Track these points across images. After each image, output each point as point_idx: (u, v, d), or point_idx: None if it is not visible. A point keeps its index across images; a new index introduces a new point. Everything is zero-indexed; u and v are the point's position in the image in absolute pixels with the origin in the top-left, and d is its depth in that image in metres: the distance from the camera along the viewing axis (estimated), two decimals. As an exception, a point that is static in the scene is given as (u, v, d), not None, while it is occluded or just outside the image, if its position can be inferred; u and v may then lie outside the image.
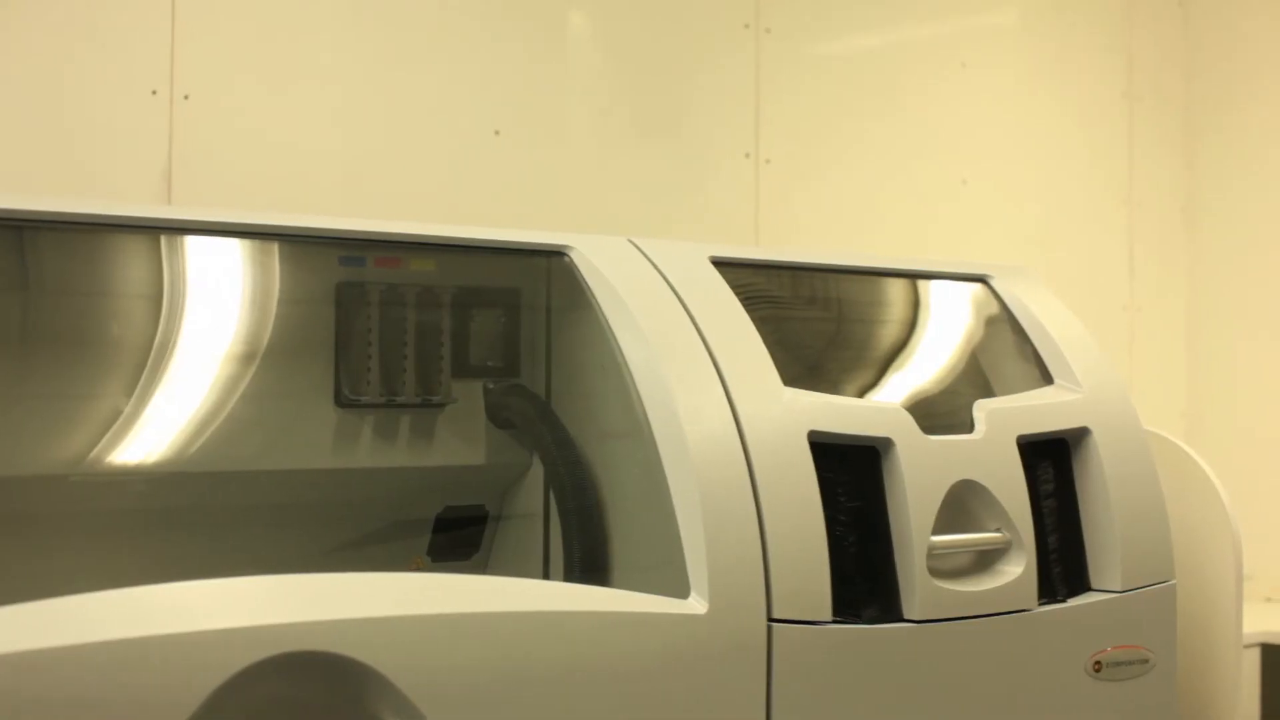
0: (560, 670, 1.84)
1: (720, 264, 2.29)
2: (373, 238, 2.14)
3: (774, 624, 2.01)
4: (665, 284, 2.16)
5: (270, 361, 2.13)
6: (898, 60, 4.03)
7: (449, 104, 3.21)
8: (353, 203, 3.00)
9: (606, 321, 2.10)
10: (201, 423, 2.08)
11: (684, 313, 2.13)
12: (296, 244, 2.15)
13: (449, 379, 2.26)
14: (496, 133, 3.26)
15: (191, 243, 2.06)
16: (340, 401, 2.16)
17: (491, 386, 2.27)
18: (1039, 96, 4.42)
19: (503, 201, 3.24)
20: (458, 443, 2.30)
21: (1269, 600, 4.57)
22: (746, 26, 3.67)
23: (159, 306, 2.06)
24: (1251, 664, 3.98)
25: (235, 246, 2.13)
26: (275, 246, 2.15)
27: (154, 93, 2.87)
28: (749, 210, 3.65)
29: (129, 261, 2.05)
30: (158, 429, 2.05)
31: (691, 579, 1.96)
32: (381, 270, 2.20)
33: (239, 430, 2.09)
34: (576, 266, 2.15)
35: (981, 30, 4.19)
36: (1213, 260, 4.81)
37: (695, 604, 1.95)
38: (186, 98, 2.89)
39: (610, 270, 2.13)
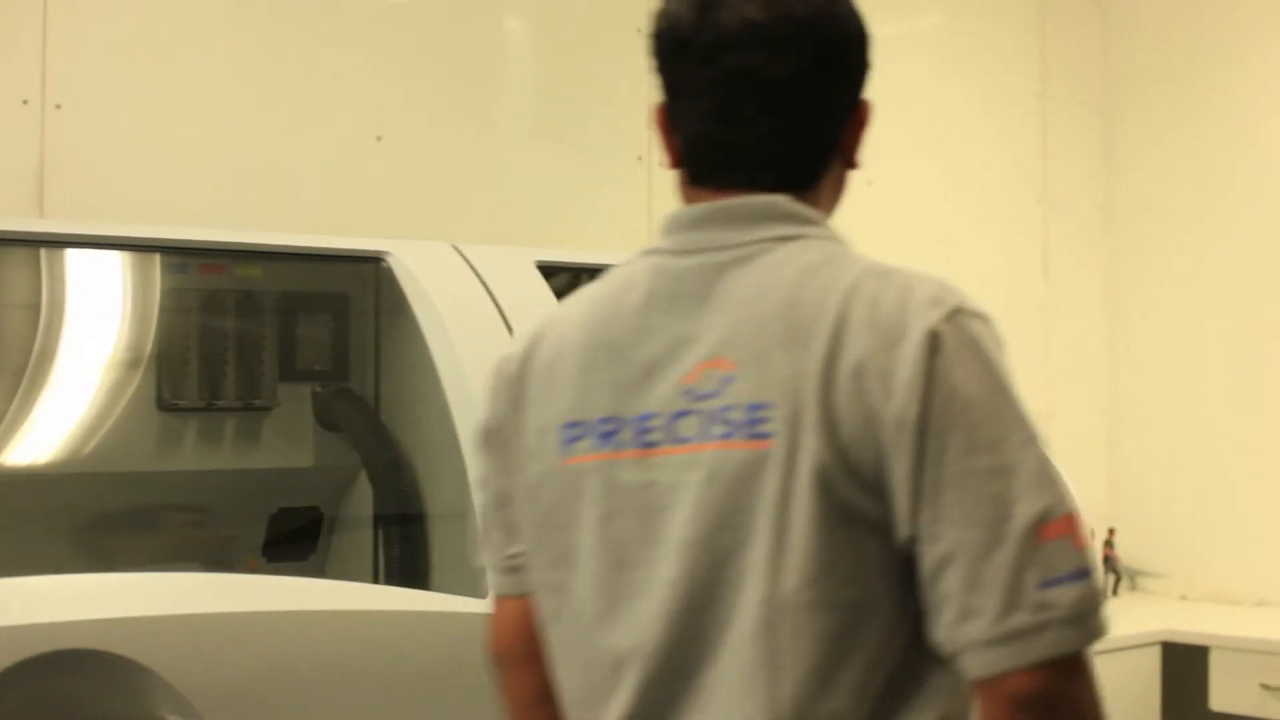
0: (343, 669, 1.87)
1: (547, 268, 2.32)
2: (194, 246, 2.18)
3: (577, 622, 2.05)
4: (483, 288, 2.19)
5: (93, 367, 2.17)
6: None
7: (330, 110, 3.23)
8: (231, 211, 3.02)
9: (419, 326, 2.14)
10: (20, 426, 2.12)
11: (499, 316, 2.16)
12: (121, 252, 2.18)
13: (274, 383, 2.30)
14: (379, 138, 3.28)
15: (6, 254, 2.10)
16: (161, 405, 2.20)
17: (319, 390, 2.31)
18: (948, 97, 4.43)
19: (385, 208, 3.25)
20: (285, 445, 2.34)
21: (1183, 598, 4.58)
22: (638, 31, 3.68)
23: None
24: (1153, 662, 4.00)
25: (59, 256, 2.17)
26: (98, 255, 2.19)
27: (25, 102, 2.90)
28: (642, 213, 3.67)
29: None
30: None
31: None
32: (206, 276, 2.24)
33: (57, 434, 2.13)
34: (394, 273, 2.18)
35: (884, 33, 4.19)
36: (1132, 258, 4.83)
37: (491, 603, 1.98)
38: (59, 107, 2.92)
39: (426, 276, 2.17)
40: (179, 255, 2.19)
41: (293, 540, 2.36)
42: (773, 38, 1.37)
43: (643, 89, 3.74)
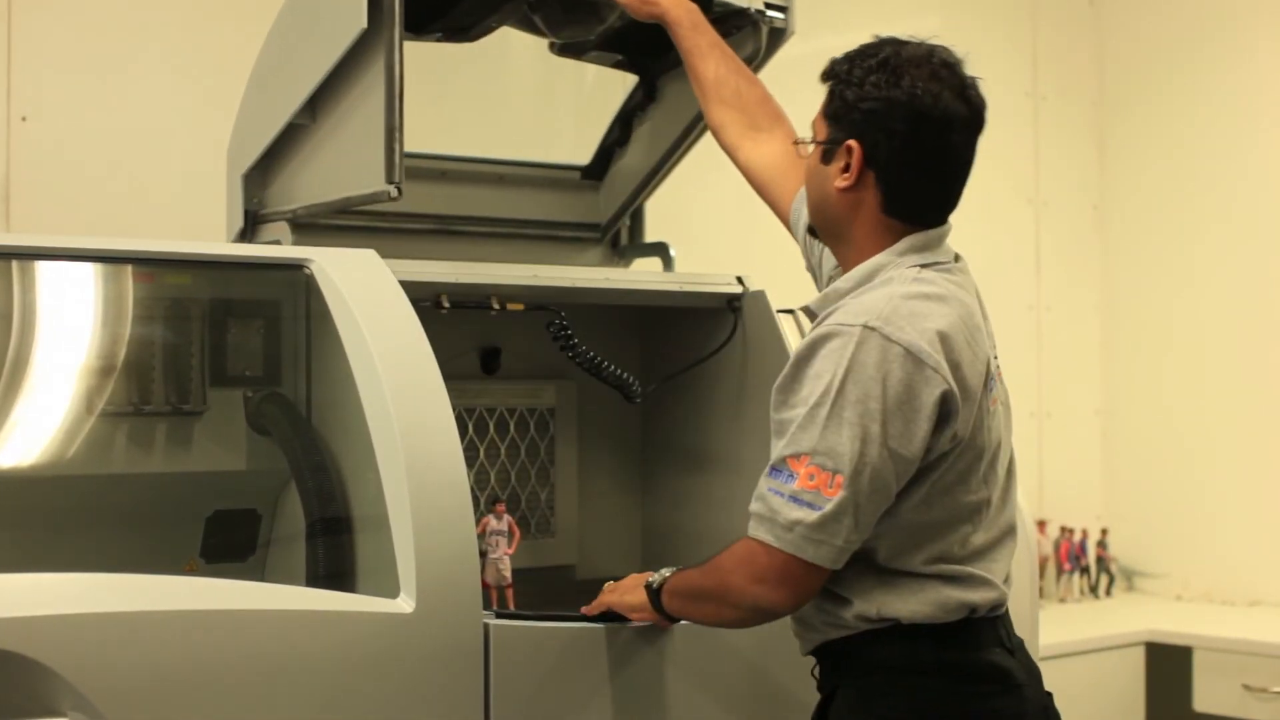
0: (250, 668, 1.90)
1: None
2: (121, 255, 2.23)
3: (492, 622, 2.08)
4: (403, 295, 2.23)
5: (24, 372, 2.22)
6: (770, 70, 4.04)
7: (298, 120, 3.28)
8: (195, 223, 3.07)
9: (338, 331, 2.17)
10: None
11: (417, 322, 2.19)
12: (52, 262, 2.24)
13: (204, 388, 2.35)
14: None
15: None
16: (90, 410, 2.25)
17: (250, 395, 2.35)
18: (935, 98, 4.43)
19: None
20: (218, 449, 2.39)
21: (1178, 598, 4.56)
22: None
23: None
24: (1137, 662, 3.99)
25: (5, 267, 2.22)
26: (35, 265, 2.24)
27: (-9, 115, 2.97)
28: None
29: None
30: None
31: (401, 578, 2.02)
32: (136, 285, 2.29)
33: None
34: (315, 280, 2.22)
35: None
36: (1124, 257, 4.81)
37: (403, 603, 2.01)
38: (24, 119, 2.99)
39: (346, 283, 2.20)
40: (114, 264, 2.24)
41: (231, 543, 2.40)
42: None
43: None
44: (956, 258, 2.08)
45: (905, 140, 1.96)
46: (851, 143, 1.98)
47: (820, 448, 1.84)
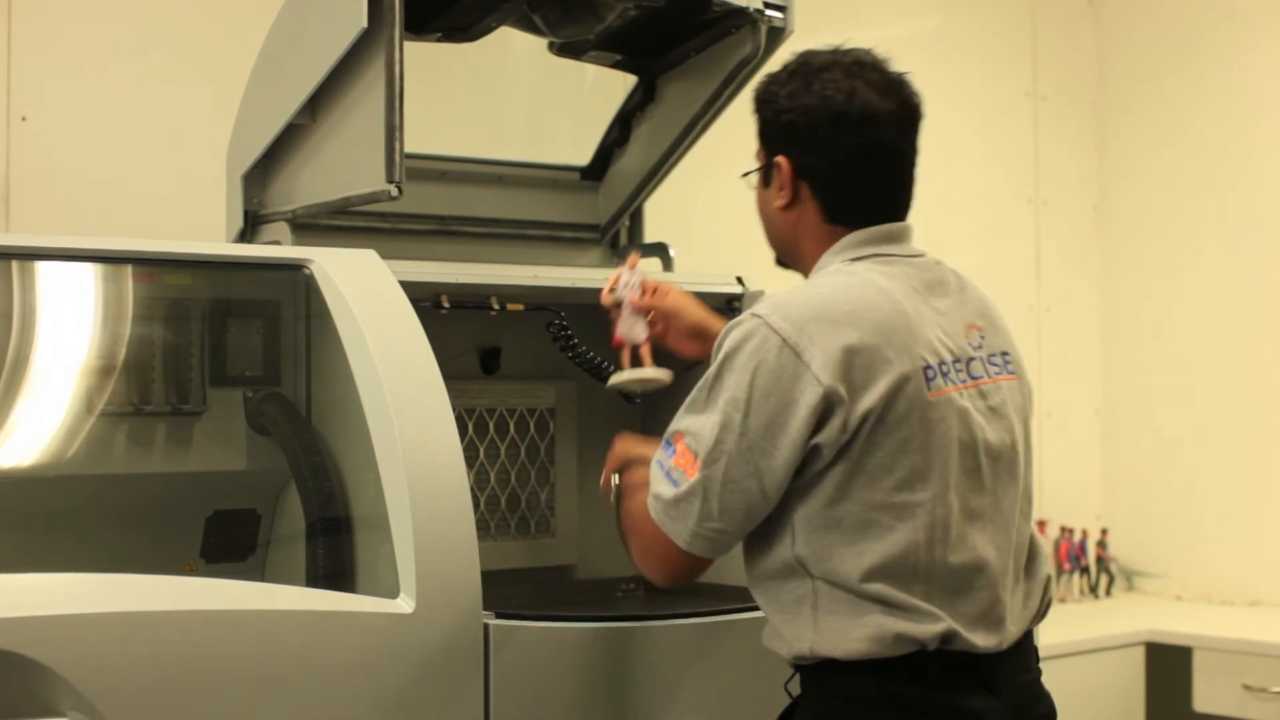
0: (250, 668, 1.90)
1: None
2: (121, 255, 2.23)
3: (492, 622, 2.08)
4: (403, 295, 2.23)
5: (24, 372, 2.23)
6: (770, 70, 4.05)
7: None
8: (195, 223, 3.07)
9: (338, 331, 2.18)
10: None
11: (417, 322, 2.19)
12: (52, 262, 2.24)
13: (204, 388, 2.35)
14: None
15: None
16: (90, 410, 2.25)
17: (250, 395, 2.35)
18: (938, 97, 4.39)
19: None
20: (218, 449, 2.39)
21: (1178, 598, 4.56)
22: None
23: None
24: (1137, 662, 3.99)
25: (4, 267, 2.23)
26: (34, 265, 2.24)
27: (-9, 115, 2.98)
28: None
29: None
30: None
31: (401, 578, 2.03)
32: (136, 285, 2.29)
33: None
34: (315, 280, 2.22)
35: (878, 37, 4.19)
36: (1124, 257, 4.81)
37: (402, 603, 2.01)
38: (24, 119, 3.00)
39: (346, 283, 2.20)
40: (114, 264, 2.24)
41: (231, 543, 2.40)
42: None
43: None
44: (923, 255, 1.99)
45: (828, 144, 1.93)
46: (780, 159, 1.96)
47: (692, 428, 1.85)
